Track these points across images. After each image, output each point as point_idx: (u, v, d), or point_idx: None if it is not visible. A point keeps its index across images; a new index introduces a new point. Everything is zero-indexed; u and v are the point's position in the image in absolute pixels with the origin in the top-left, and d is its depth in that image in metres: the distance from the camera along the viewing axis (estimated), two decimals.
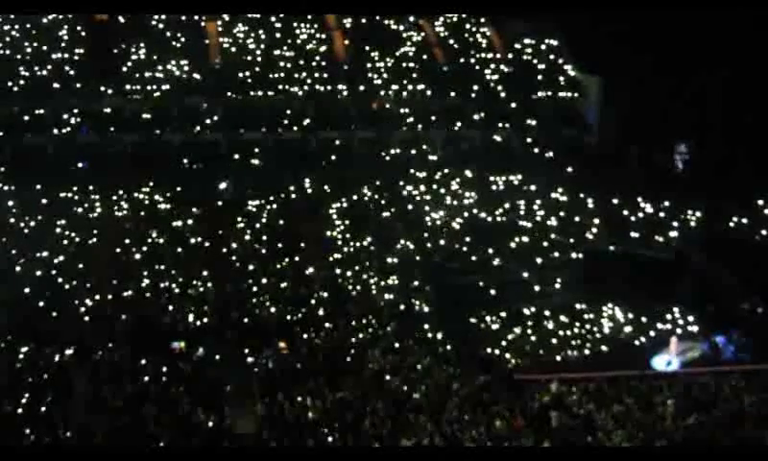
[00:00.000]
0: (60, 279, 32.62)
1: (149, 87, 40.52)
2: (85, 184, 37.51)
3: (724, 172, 36.83)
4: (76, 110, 39.58)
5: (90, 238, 34.87)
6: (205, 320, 31.45)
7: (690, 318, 31.63)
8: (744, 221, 35.73)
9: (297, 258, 34.56)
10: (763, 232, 35.15)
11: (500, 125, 42.07)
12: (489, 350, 30.28)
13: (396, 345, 30.30)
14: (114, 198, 37.05)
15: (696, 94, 38.88)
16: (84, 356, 28.69)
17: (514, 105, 42.60)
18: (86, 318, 31.05)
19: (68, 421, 25.30)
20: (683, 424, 26.21)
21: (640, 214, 36.93)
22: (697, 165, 39.36)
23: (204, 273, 33.56)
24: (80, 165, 38.51)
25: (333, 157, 40.46)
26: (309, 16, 44.42)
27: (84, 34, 42.30)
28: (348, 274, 33.96)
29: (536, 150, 41.53)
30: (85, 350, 29.00)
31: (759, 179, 35.68)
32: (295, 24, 44.07)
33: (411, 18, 45.15)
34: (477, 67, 43.68)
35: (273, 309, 32.13)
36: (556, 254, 35.49)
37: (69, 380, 27.32)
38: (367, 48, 43.47)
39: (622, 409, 26.71)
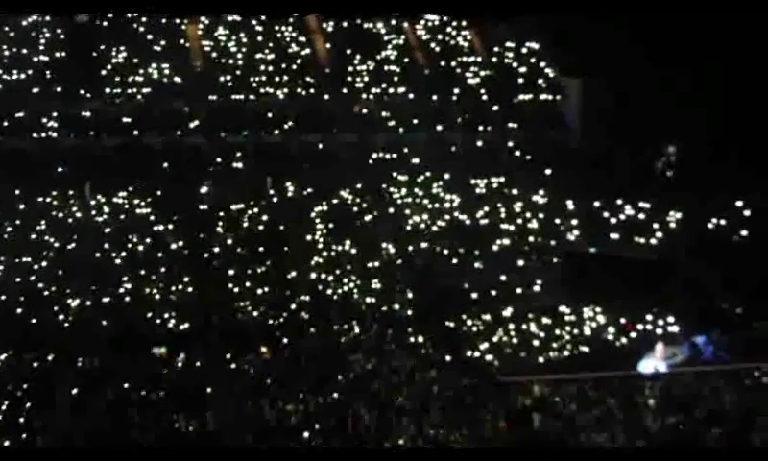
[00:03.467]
0: (39, 285, 32.43)
1: (129, 91, 40.27)
2: (65, 189, 37.23)
3: (704, 173, 37.02)
4: (55, 114, 39.27)
5: (70, 243, 34.66)
6: (187, 325, 31.37)
7: (671, 318, 31.83)
8: (723, 222, 35.95)
9: (279, 262, 34.51)
10: (743, 233, 35.37)
11: (482, 128, 42.11)
12: (471, 352, 30.36)
13: (379, 348, 30.38)
14: (94, 202, 36.81)
15: (677, 96, 39.06)
16: (65, 363, 28.54)
17: (495, 108, 42.66)
18: (67, 324, 30.93)
19: (49, 427, 25.16)
20: (664, 423, 26.36)
21: (621, 216, 37.07)
22: (677, 167, 39.56)
23: (186, 278, 33.46)
24: (58, 169, 38.09)
25: (315, 161, 40.33)
26: (291, 19, 44.35)
27: (63, 37, 41.98)
28: (331, 277, 33.95)
29: (517, 152, 41.61)
30: (66, 356, 28.86)
31: (739, 180, 35.89)
32: (276, 27, 43.95)
33: (393, 22, 45.13)
34: (459, 70, 43.72)
35: (255, 314, 32.09)
36: (537, 257, 35.64)
37: (50, 387, 27.16)
38: (348, 51, 43.42)
39: (604, 410, 26.83)
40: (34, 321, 30.66)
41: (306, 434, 25.32)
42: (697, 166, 37.78)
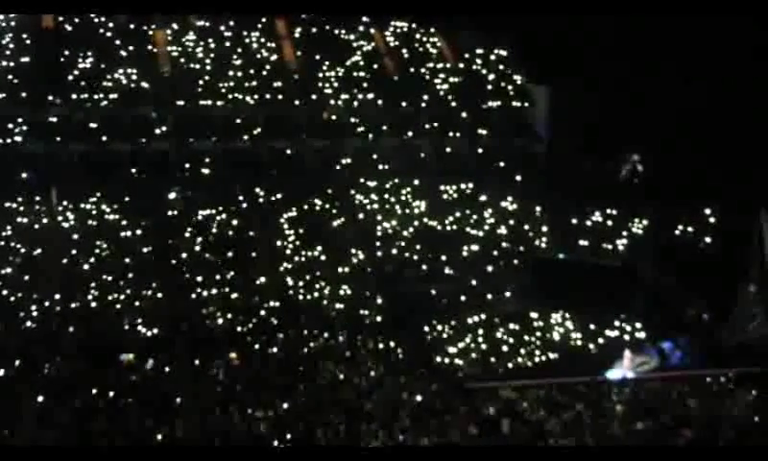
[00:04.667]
0: (5, 292, 32.06)
1: (96, 96, 39.94)
2: (31, 195, 36.84)
3: (671, 181, 37.43)
4: (21, 119, 38.85)
5: (36, 249, 34.28)
6: (155, 331, 31.15)
7: (638, 325, 32.10)
8: (690, 229, 36.33)
9: (247, 268, 34.38)
10: (708, 240, 35.78)
11: (451, 134, 42.30)
12: (440, 358, 30.42)
13: (348, 354, 30.38)
14: (61, 208, 36.45)
15: (644, 104, 39.47)
16: (31, 370, 28.23)
17: (464, 114, 42.87)
18: (33, 331, 30.58)
19: (15, 435, 24.85)
20: (632, 428, 26.55)
21: (589, 223, 37.38)
22: (644, 174, 39.96)
23: (154, 284, 33.23)
24: (24, 175, 37.68)
25: (284, 167, 40.27)
26: (259, 25, 44.31)
27: (29, 42, 41.58)
28: (300, 283, 33.88)
29: (486, 159, 41.83)
30: (32, 363, 28.54)
31: (705, 187, 36.31)
32: (245, 33, 43.88)
33: (361, 28, 45.25)
34: (428, 77, 43.89)
35: (223, 320, 31.94)
36: (506, 263, 35.82)
37: (15, 394, 26.84)
38: (317, 57, 43.43)
39: (572, 415, 26.98)
40: None
41: (275, 441, 25.19)
42: (664, 174, 38.17)
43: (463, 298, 33.67)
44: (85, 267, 33.70)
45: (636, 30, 39.08)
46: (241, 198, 38.22)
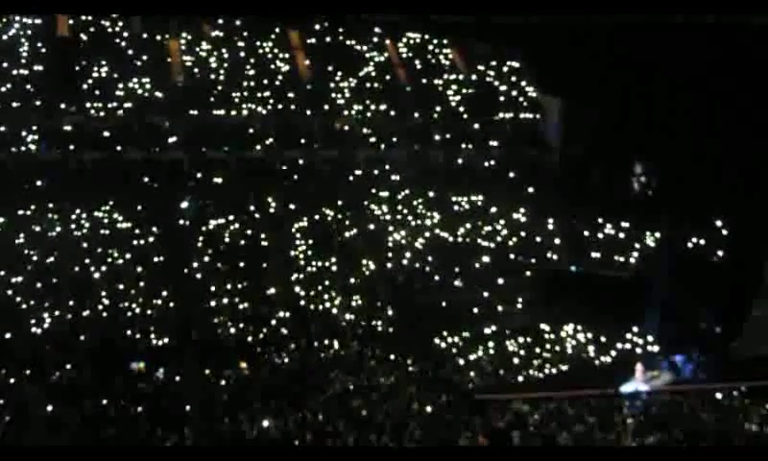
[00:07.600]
0: (17, 299, 32.17)
1: (110, 105, 40.10)
2: (44, 203, 36.97)
3: (683, 193, 37.29)
4: (35, 128, 39.02)
5: (49, 257, 34.41)
6: (166, 340, 31.20)
7: (650, 338, 31.96)
8: (702, 241, 36.17)
9: (259, 278, 34.43)
10: (721, 253, 35.60)
11: (462, 145, 42.29)
12: (451, 370, 30.33)
13: (359, 365, 30.33)
14: (74, 216, 36.59)
15: (656, 115, 39.36)
16: (42, 377, 28.28)
17: (476, 125, 42.86)
18: (44, 338, 30.67)
19: (24, 444, 24.85)
20: (643, 443, 26.36)
21: (601, 235, 37.27)
22: (656, 186, 39.83)
23: (165, 292, 33.29)
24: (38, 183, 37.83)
25: (296, 177, 40.33)
26: (272, 36, 44.43)
27: (44, 50, 41.80)
28: (311, 293, 33.89)
29: (498, 170, 41.81)
30: (43, 370, 28.60)
31: (718, 199, 36.15)
32: (258, 43, 44.00)
33: (374, 39, 45.32)
34: (440, 88, 43.91)
35: (234, 329, 31.95)
36: (518, 275, 35.74)
37: (25, 402, 26.87)
38: (330, 68, 43.51)
39: (584, 429, 26.81)
40: (10, 335, 30.34)
41: (285, 450, 25.11)
42: (676, 186, 38.02)
43: (474, 309, 33.66)
44: (97, 275, 33.82)
45: (650, 41, 38.94)
46: (253, 207, 38.29)
